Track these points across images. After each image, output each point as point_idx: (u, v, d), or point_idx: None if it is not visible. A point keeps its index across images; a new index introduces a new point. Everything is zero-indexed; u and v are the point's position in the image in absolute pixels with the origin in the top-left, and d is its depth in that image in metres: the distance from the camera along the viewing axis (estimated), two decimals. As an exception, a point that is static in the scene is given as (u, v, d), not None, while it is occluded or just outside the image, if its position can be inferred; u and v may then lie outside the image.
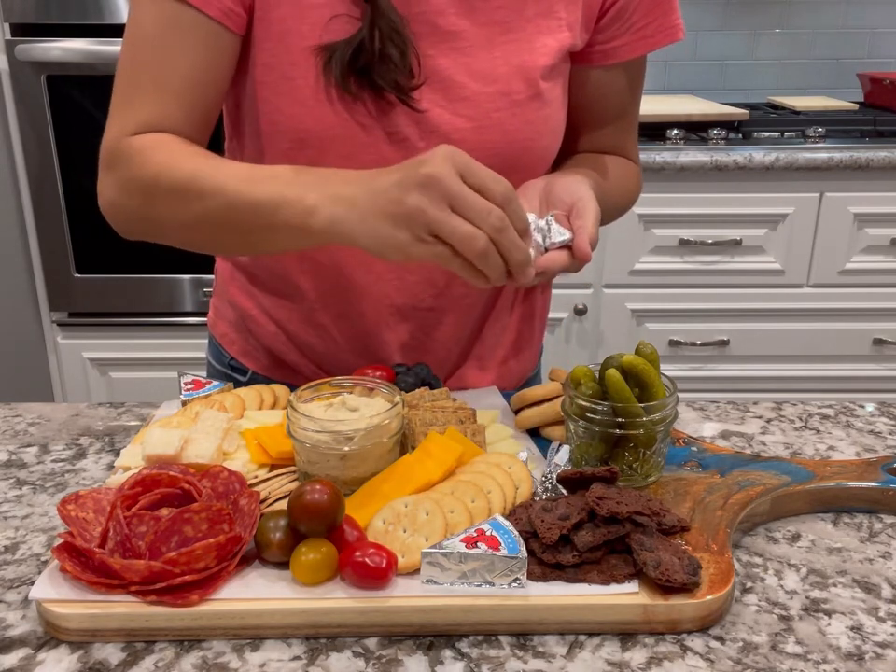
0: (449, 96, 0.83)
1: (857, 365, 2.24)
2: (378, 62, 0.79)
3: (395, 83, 0.80)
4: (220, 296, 1.04)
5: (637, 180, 1.01)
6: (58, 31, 1.99)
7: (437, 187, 0.65)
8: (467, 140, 0.83)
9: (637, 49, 0.90)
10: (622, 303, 2.17)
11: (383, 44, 0.78)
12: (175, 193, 0.76)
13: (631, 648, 0.57)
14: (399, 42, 0.79)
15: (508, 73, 0.84)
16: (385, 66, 0.79)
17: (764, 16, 2.58)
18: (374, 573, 0.58)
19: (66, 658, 0.56)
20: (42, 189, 2.10)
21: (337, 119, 0.81)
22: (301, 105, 0.81)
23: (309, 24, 0.80)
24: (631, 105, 0.97)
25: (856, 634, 0.59)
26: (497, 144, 0.84)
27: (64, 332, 2.23)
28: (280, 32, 0.80)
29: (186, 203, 0.76)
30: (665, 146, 2.10)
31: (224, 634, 0.58)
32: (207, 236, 0.79)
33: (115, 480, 0.71)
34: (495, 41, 0.83)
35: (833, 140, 2.13)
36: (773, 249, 2.13)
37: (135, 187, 0.78)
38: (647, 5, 0.88)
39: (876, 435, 0.87)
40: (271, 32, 0.81)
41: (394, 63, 0.79)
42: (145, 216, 0.80)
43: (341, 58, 0.79)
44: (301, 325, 0.96)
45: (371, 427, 0.67)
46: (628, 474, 0.72)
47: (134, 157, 0.78)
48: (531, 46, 0.85)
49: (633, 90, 0.96)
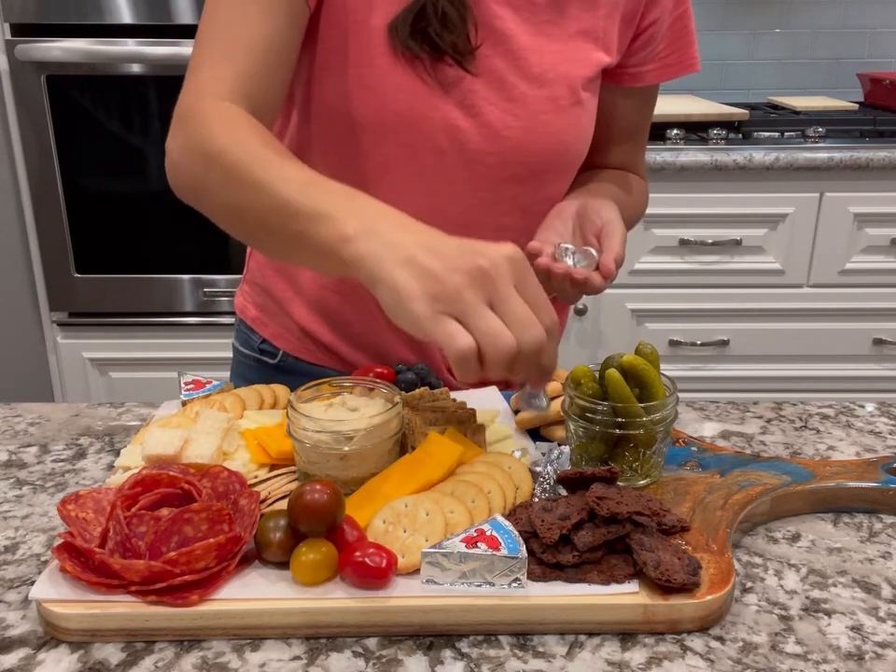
0: (501, 95, 0.88)
1: (857, 365, 2.24)
2: (438, 23, 0.82)
3: (453, 45, 0.83)
4: (251, 281, 1.06)
5: (644, 197, 1.08)
6: (58, 31, 1.99)
7: (486, 282, 0.59)
8: (515, 138, 0.89)
9: (657, 77, 0.98)
10: (622, 303, 2.17)
11: (444, 5, 0.82)
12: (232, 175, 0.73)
13: (631, 648, 0.57)
14: (458, 5, 0.83)
15: (555, 79, 0.89)
16: (445, 27, 0.83)
17: (764, 16, 2.58)
18: (374, 573, 0.58)
19: (66, 658, 0.56)
20: (42, 189, 2.10)
21: (397, 105, 0.85)
22: (367, 89, 0.84)
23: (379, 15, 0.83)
24: (643, 125, 1.05)
25: (856, 634, 0.59)
26: (542, 144, 0.90)
27: (64, 332, 2.23)
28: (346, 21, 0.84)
29: (238, 188, 0.73)
30: (665, 146, 2.10)
31: (224, 634, 0.58)
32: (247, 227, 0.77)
33: (115, 480, 0.71)
34: (542, 50, 0.89)
35: (833, 140, 2.13)
36: (773, 249, 2.13)
37: (200, 153, 0.76)
38: (671, 36, 0.96)
39: (876, 435, 0.87)
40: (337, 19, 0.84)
41: (453, 23, 0.82)
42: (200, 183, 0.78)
43: (404, 23, 0.82)
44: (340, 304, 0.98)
45: (371, 426, 0.67)
46: (628, 474, 0.72)
47: (208, 125, 0.76)
48: (574, 57, 0.90)
49: (645, 110, 1.03)
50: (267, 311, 1.03)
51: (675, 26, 0.96)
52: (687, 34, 0.97)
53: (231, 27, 0.81)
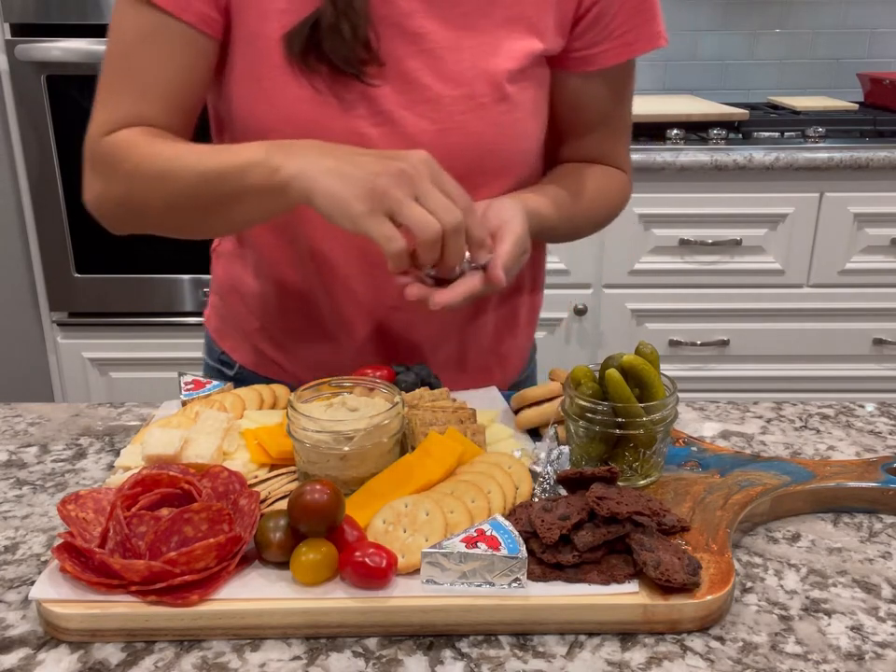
0: (414, 98, 0.84)
1: (857, 365, 2.24)
2: (331, 36, 0.80)
3: (345, 58, 0.80)
4: (215, 291, 1.06)
5: (622, 189, 1.00)
6: (58, 31, 1.99)
7: (408, 180, 0.68)
8: (430, 142, 0.83)
9: (618, 56, 0.89)
10: (622, 303, 2.17)
11: (336, 18, 0.79)
12: (156, 177, 0.78)
13: (631, 648, 0.57)
14: (352, 16, 0.79)
15: (473, 76, 0.84)
16: (338, 40, 0.80)
17: (764, 16, 2.58)
18: (374, 573, 0.58)
19: (66, 658, 0.56)
20: (42, 189, 2.10)
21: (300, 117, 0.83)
22: (269, 105, 0.83)
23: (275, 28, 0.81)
24: (616, 112, 0.96)
25: (856, 634, 0.59)
26: (461, 146, 0.84)
27: (64, 332, 2.23)
28: (248, 35, 0.82)
29: (164, 185, 0.78)
30: (664, 146, 2.10)
31: (224, 634, 0.58)
32: (186, 215, 0.81)
33: (115, 480, 0.71)
34: (461, 45, 0.83)
35: (833, 140, 2.13)
36: (773, 249, 2.13)
37: (120, 177, 0.81)
38: (627, 11, 0.87)
39: (876, 435, 0.87)
40: (241, 35, 0.83)
41: (345, 36, 0.80)
42: (128, 205, 0.83)
43: (300, 37, 0.80)
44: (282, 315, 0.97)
45: (371, 426, 0.67)
46: (628, 474, 0.71)
47: (117, 150, 0.81)
48: (498, 49, 0.84)
49: (617, 96, 0.94)
50: (226, 322, 1.03)
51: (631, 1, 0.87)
52: (647, 7, 0.88)
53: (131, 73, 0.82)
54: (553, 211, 0.87)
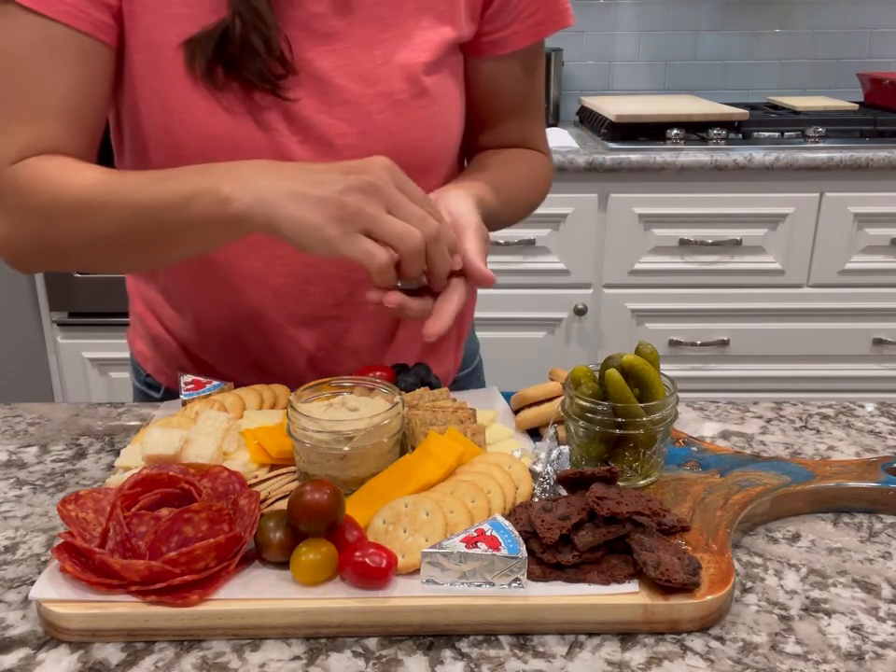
0: (330, 100, 0.80)
1: (857, 365, 2.24)
2: (242, 51, 0.75)
3: (260, 73, 0.76)
4: (133, 312, 1.02)
5: (545, 173, 0.99)
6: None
7: (378, 193, 0.64)
8: (351, 146, 0.81)
9: (528, 38, 0.88)
10: (622, 303, 2.17)
11: (246, 31, 0.74)
12: (76, 211, 0.71)
13: (631, 648, 0.57)
14: (262, 29, 0.75)
15: (388, 72, 0.81)
16: (250, 55, 0.75)
17: (764, 16, 2.58)
18: (374, 573, 0.58)
19: (66, 658, 0.56)
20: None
21: (211, 130, 0.78)
22: (173, 116, 0.78)
23: (175, 34, 0.77)
24: (532, 95, 0.95)
25: (856, 634, 0.59)
26: (384, 148, 0.80)
27: (64, 332, 2.23)
28: (147, 44, 0.77)
29: (87, 219, 0.71)
30: (665, 146, 2.10)
31: (224, 634, 0.58)
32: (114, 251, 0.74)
33: (115, 480, 0.71)
34: (373, 40, 0.81)
35: (833, 140, 2.13)
36: (773, 249, 2.13)
37: (32, 214, 0.73)
38: None
39: (876, 435, 0.87)
40: (139, 44, 0.78)
41: (258, 51, 0.75)
42: (44, 243, 0.75)
43: (204, 50, 0.75)
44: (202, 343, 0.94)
45: (371, 426, 0.67)
46: (628, 474, 0.72)
47: (25, 183, 0.73)
48: (411, 42, 0.82)
49: (531, 78, 0.93)
50: (148, 344, 1.00)
51: None
52: None
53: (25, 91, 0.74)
54: (493, 197, 0.84)
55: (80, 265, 0.79)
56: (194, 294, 0.91)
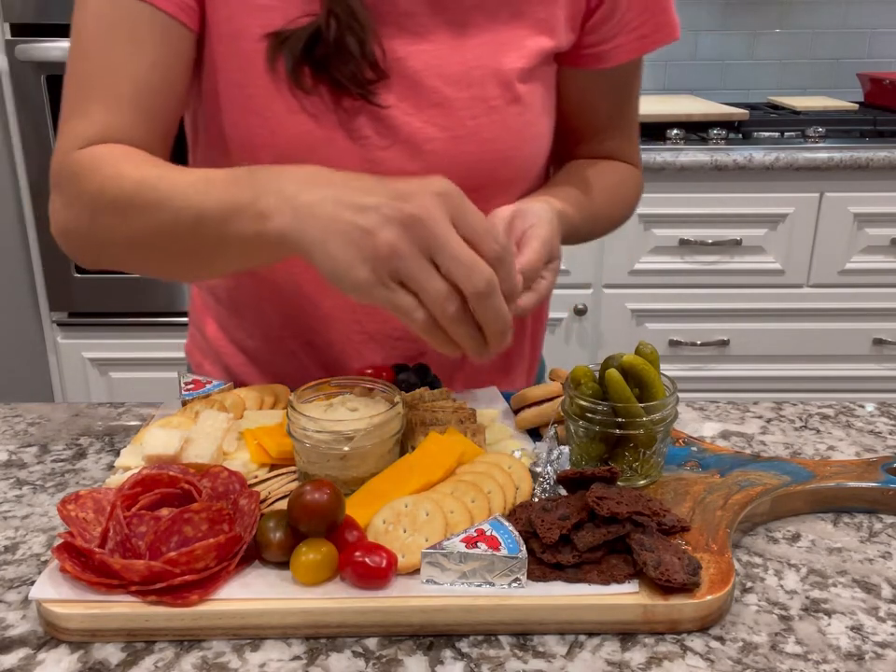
0: (420, 103, 0.77)
1: (857, 365, 2.24)
2: (335, 52, 0.72)
3: (352, 76, 0.73)
4: (195, 324, 0.99)
5: (635, 185, 0.96)
6: (58, 31, 1.99)
7: (420, 229, 0.55)
8: (440, 151, 0.78)
9: (632, 52, 0.85)
10: (622, 303, 2.17)
11: (340, 33, 0.71)
12: (118, 207, 0.67)
13: (631, 648, 0.57)
14: (358, 31, 0.72)
15: (482, 76, 0.78)
16: (344, 58, 0.72)
17: (764, 16, 2.58)
18: (374, 573, 0.58)
19: (66, 658, 0.56)
20: (42, 190, 2.10)
21: (290, 129, 0.75)
22: (254, 114, 0.75)
23: (259, 25, 0.73)
24: (628, 107, 0.92)
25: (856, 634, 0.59)
26: (474, 155, 0.77)
27: (64, 332, 2.23)
28: (229, 33, 0.74)
29: (128, 218, 0.67)
30: (665, 146, 2.10)
31: (224, 634, 0.58)
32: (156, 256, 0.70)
33: (115, 480, 0.71)
34: (467, 43, 0.78)
35: (833, 140, 2.13)
36: (773, 249, 2.13)
37: (81, 204, 0.70)
38: (641, 3, 0.82)
39: (876, 435, 0.87)
40: (221, 33, 0.75)
41: (352, 54, 0.72)
42: (90, 237, 0.71)
43: (292, 48, 0.72)
44: (271, 355, 0.91)
45: (371, 426, 0.67)
46: (628, 474, 0.71)
47: (81, 171, 0.70)
48: (506, 48, 0.79)
49: (628, 92, 0.90)
50: (208, 357, 0.97)
51: None
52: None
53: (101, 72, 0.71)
54: (575, 211, 0.82)
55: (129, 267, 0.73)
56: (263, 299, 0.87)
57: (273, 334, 0.90)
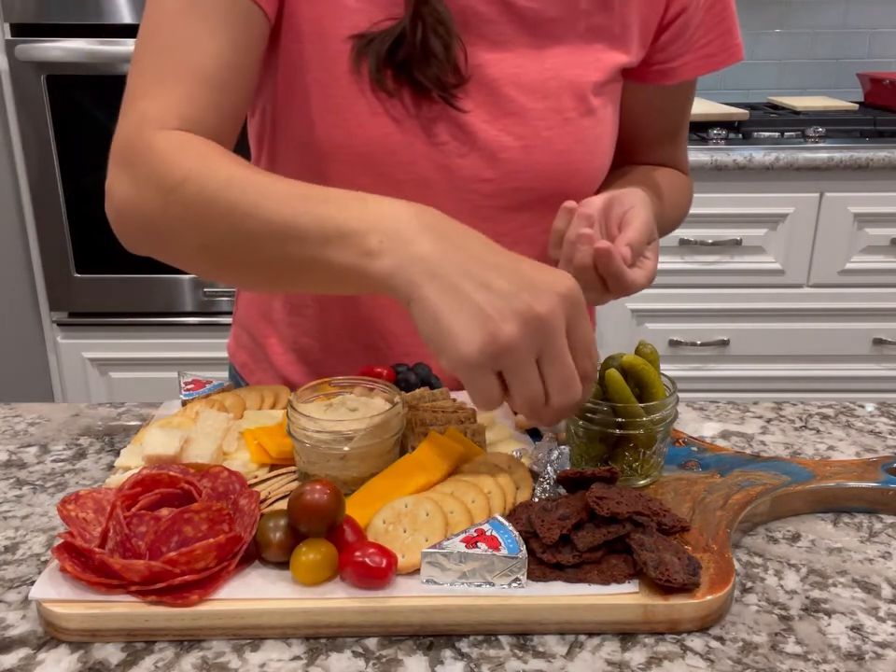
0: (496, 111, 0.78)
1: (857, 365, 2.24)
2: (420, 55, 0.72)
3: (437, 79, 0.73)
4: (239, 323, 0.98)
5: (688, 192, 0.99)
6: (58, 31, 1.99)
7: (542, 334, 0.55)
8: (514, 160, 0.79)
9: (697, 70, 0.87)
10: (622, 303, 2.17)
11: (425, 35, 0.71)
12: (201, 203, 0.63)
13: (631, 648, 0.57)
14: (443, 34, 0.72)
15: (558, 87, 0.79)
16: (428, 61, 0.73)
17: (764, 16, 2.58)
18: (374, 573, 0.58)
19: (66, 658, 0.56)
20: (42, 189, 2.10)
21: (370, 131, 0.75)
22: (334, 114, 0.75)
23: (346, 27, 0.74)
24: (683, 121, 0.95)
25: (856, 634, 0.59)
26: (546, 165, 0.79)
27: (64, 332, 2.23)
28: (316, 32, 0.74)
29: (210, 218, 0.62)
30: (665, 146, 2.10)
31: (224, 634, 0.58)
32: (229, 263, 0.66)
33: (115, 480, 0.71)
34: (544, 54, 0.79)
35: (833, 140, 2.13)
36: (773, 249, 2.13)
37: (155, 188, 0.65)
38: (709, 22, 0.84)
39: (876, 435, 0.87)
40: (306, 31, 0.74)
41: (437, 57, 0.72)
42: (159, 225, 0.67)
43: (378, 50, 0.72)
44: (324, 353, 0.91)
45: (371, 426, 0.67)
46: (628, 474, 0.71)
47: (160, 155, 0.66)
48: (582, 61, 0.80)
49: (685, 106, 0.94)
50: (254, 357, 0.96)
51: (714, 8, 0.83)
52: (728, 16, 0.84)
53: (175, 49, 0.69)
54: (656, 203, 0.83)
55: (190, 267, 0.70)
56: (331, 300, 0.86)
57: (333, 334, 0.89)
